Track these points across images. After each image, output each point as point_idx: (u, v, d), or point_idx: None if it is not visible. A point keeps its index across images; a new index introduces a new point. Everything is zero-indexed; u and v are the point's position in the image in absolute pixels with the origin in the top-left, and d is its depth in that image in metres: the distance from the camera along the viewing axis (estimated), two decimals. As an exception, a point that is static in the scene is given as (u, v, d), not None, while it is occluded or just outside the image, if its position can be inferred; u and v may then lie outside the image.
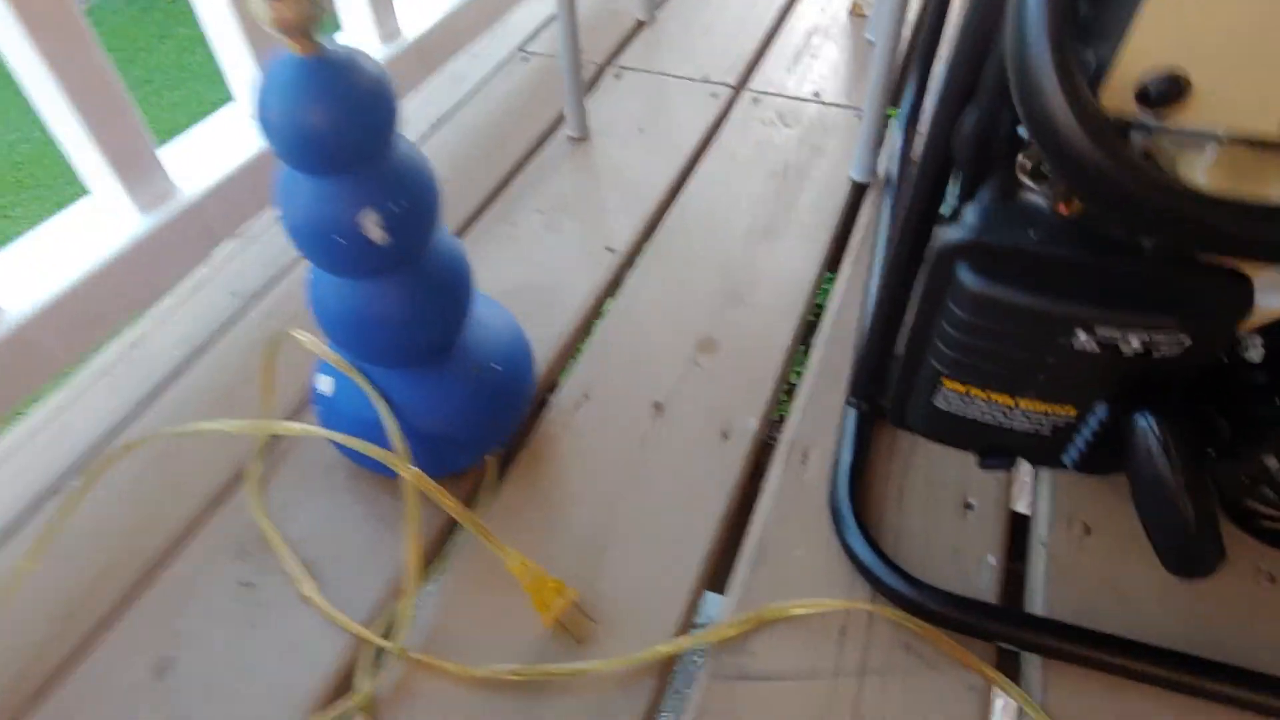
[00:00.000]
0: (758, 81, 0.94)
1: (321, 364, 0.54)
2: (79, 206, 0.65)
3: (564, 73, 0.81)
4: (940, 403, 0.40)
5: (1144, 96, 0.25)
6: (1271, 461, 0.37)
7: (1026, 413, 0.38)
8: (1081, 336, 0.33)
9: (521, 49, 1.01)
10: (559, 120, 0.88)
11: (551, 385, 0.63)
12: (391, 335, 0.48)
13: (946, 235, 0.35)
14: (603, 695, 0.45)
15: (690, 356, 0.63)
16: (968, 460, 0.55)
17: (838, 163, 0.82)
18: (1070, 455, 0.39)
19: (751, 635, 0.47)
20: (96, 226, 0.65)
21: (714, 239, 0.74)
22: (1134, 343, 0.33)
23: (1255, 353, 0.36)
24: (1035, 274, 0.33)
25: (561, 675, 0.45)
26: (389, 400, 0.51)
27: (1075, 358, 0.34)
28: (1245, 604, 0.47)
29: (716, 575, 0.53)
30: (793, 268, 0.71)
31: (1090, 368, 0.34)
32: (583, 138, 0.86)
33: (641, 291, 0.69)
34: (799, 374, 0.63)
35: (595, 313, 0.68)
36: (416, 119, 0.90)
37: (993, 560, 0.50)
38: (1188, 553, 0.34)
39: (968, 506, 0.53)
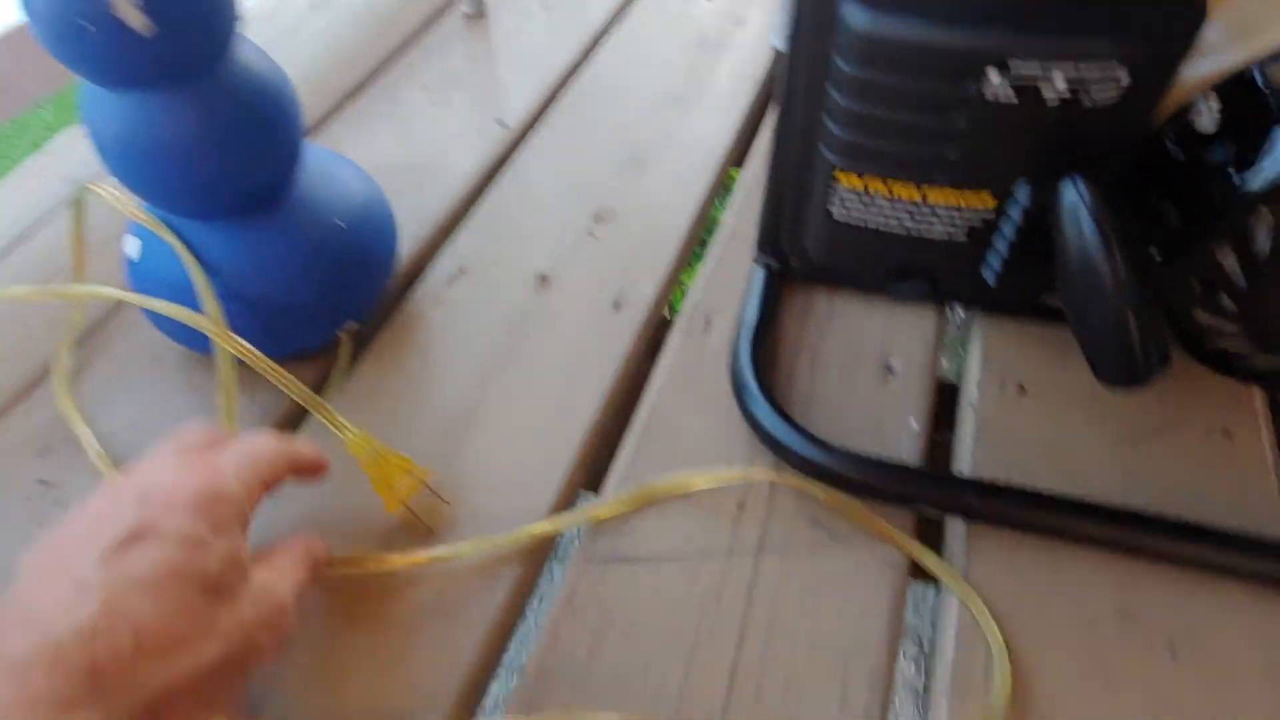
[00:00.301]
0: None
1: (130, 224, 0.45)
2: None
3: (451, -67, 0.72)
4: (837, 210, 0.33)
5: None
6: (1227, 256, 0.30)
7: (936, 209, 0.31)
8: (994, 79, 0.26)
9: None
10: (454, -2, 0.79)
11: (431, 257, 0.55)
12: (185, 169, 0.39)
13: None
14: (461, 586, 0.38)
15: (584, 227, 0.56)
16: (891, 321, 0.48)
17: (760, 33, 0.74)
18: (992, 266, 0.32)
19: (634, 515, 0.40)
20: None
21: (618, 109, 0.66)
22: (1059, 83, 0.26)
23: (1208, 119, 0.29)
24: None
25: (405, 565, 0.38)
26: (204, 261, 0.43)
27: (989, 115, 0.27)
28: (1198, 461, 0.42)
29: (604, 456, 0.46)
30: (705, 134, 0.63)
31: (1008, 130, 0.27)
32: (479, 14, 0.77)
33: (534, 164, 0.61)
34: (707, 242, 0.56)
35: (481, 189, 0.60)
36: (291, 3, 0.81)
37: (915, 425, 0.43)
38: (1123, 352, 0.27)
39: (889, 371, 0.46)
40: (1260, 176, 0.27)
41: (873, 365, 0.46)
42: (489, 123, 0.65)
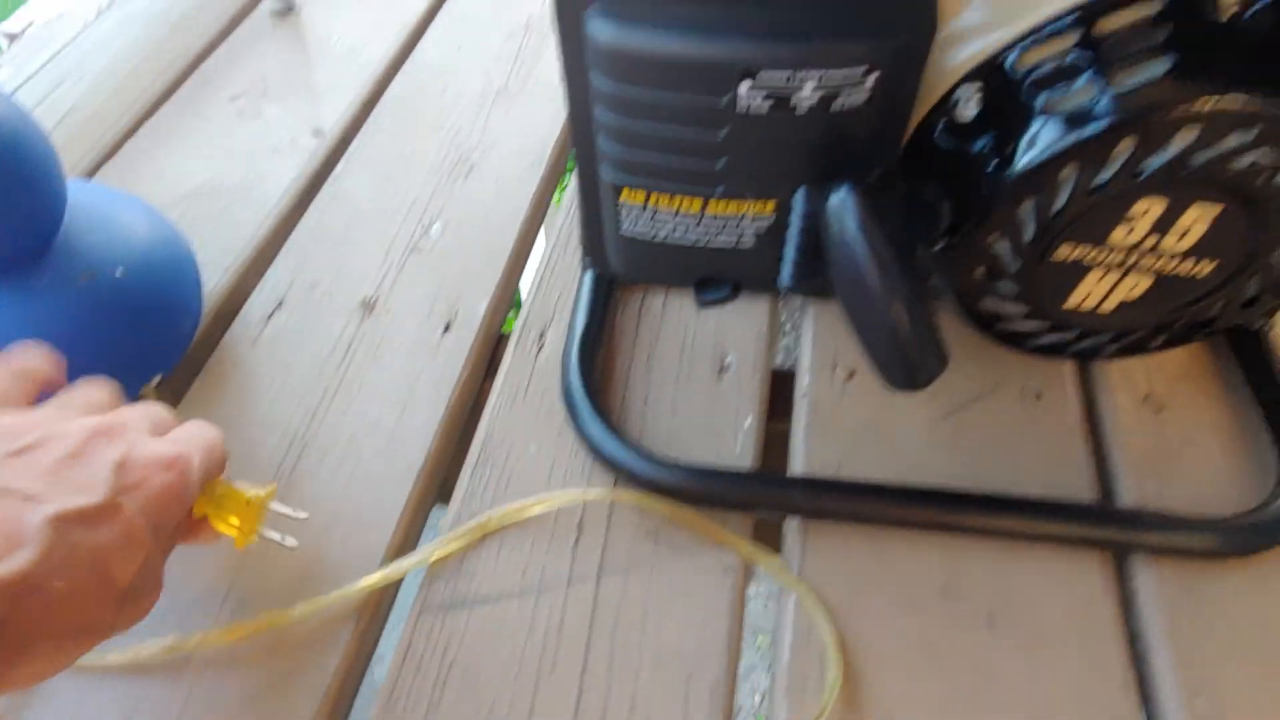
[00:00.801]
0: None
1: None
2: None
3: (241, -75, 0.67)
4: (627, 225, 0.32)
5: None
6: (1000, 243, 0.31)
7: (720, 219, 0.31)
8: (745, 90, 0.26)
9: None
10: (259, -8, 0.73)
11: (244, 294, 0.51)
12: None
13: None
14: (293, 653, 0.36)
15: (411, 243, 0.53)
16: (724, 314, 0.48)
17: (589, 14, 0.72)
18: (786, 270, 0.32)
19: (471, 551, 0.39)
20: None
21: (443, 107, 0.63)
22: (808, 91, 0.26)
23: (969, 109, 0.29)
24: (678, 9, 0.25)
25: (229, 641, 0.36)
26: (-38, 331, 0.38)
27: (747, 125, 0.26)
28: (1013, 426, 0.43)
29: (449, 487, 0.44)
30: (534, 126, 0.61)
31: (769, 139, 0.27)
32: (288, 10, 0.72)
33: (355, 176, 0.58)
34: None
35: (298, 209, 0.56)
36: (78, 8, 0.73)
37: (750, 422, 0.44)
38: (899, 357, 0.28)
39: (723, 368, 0.46)
40: (1017, 166, 0.28)
41: (708, 363, 0.46)
42: (304, 133, 0.61)
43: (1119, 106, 0.26)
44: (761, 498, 0.38)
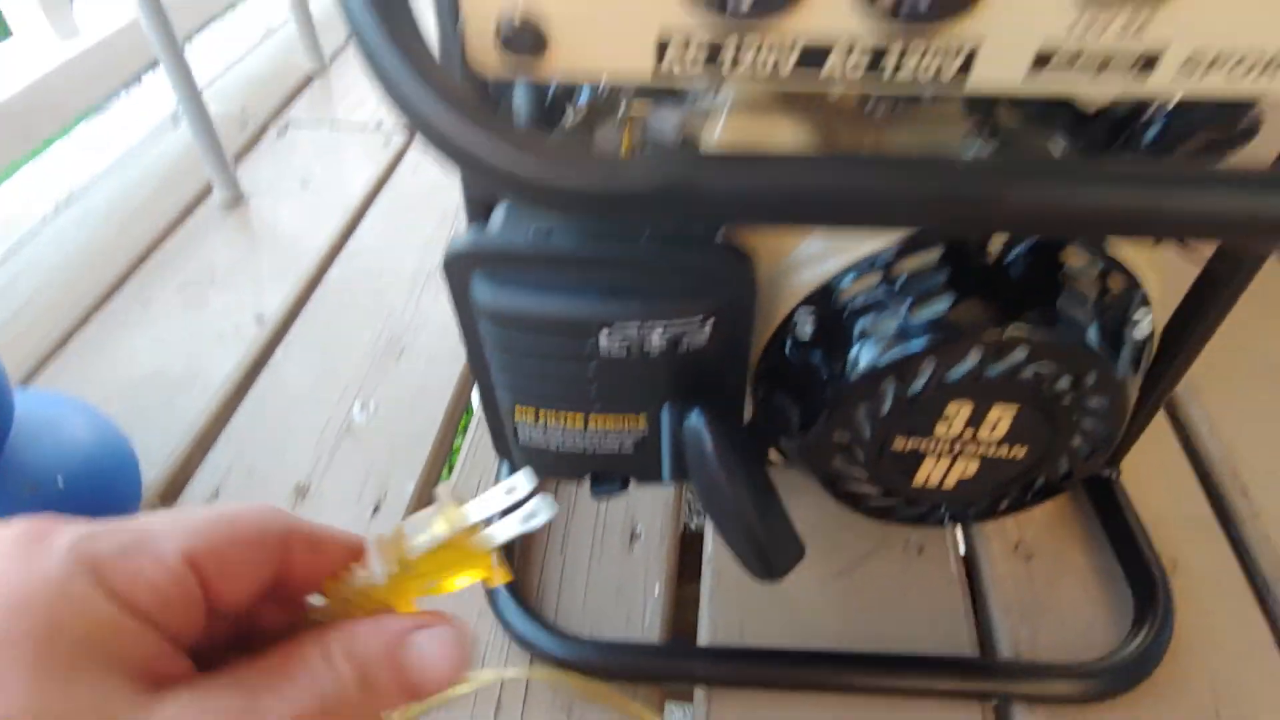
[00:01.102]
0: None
1: None
2: None
3: (196, 139, 0.73)
4: (523, 435, 0.36)
5: (509, 44, 0.22)
6: (846, 440, 0.36)
7: (602, 432, 0.35)
8: (604, 339, 0.31)
9: (173, 113, 0.91)
10: (211, 186, 0.79)
11: (184, 482, 0.54)
12: None
13: (450, 246, 0.31)
14: None
15: (343, 426, 0.57)
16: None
17: (516, 196, 0.79)
18: (666, 468, 0.36)
19: (393, 738, 0.41)
20: None
21: (377, 291, 0.68)
22: (656, 338, 0.31)
23: (806, 328, 0.35)
24: (542, 276, 0.30)
25: None
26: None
27: (610, 363, 0.31)
28: (899, 581, 0.47)
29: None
30: (462, 310, 0.66)
31: (631, 372, 0.32)
32: (236, 202, 0.78)
33: (293, 361, 0.62)
34: (467, 423, 0.58)
35: (237, 396, 0.60)
36: (40, 198, 0.78)
37: (659, 590, 0.47)
38: (758, 556, 0.32)
39: (634, 536, 0.50)
40: (847, 379, 0.33)
41: (619, 533, 0.50)
42: (247, 320, 0.65)
43: (917, 334, 0.32)
44: (667, 670, 0.41)
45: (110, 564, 0.17)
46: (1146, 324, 0.34)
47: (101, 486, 0.47)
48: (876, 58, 0.22)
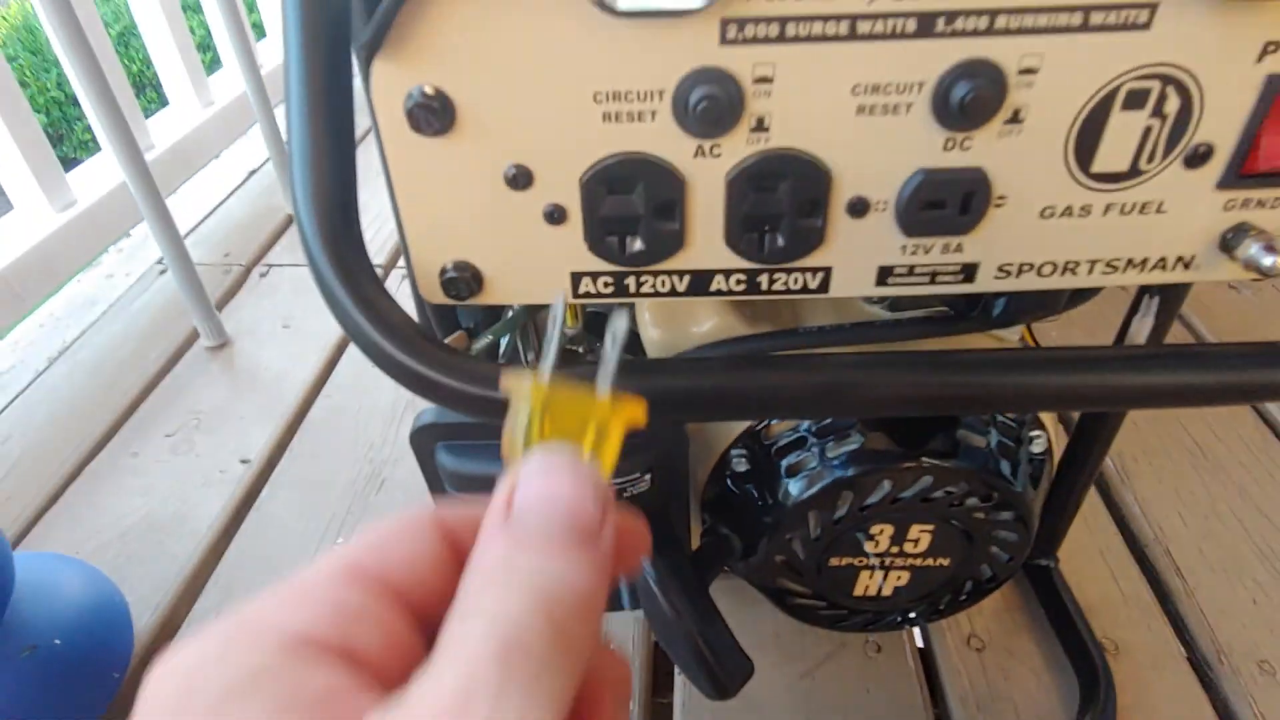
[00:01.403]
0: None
1: None
2: None
3: (181, 289, 0.78)
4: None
5: (453, 286, 0.26)
6: (785, 562, 0.39)
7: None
8: (558, 502, 0.34)
9: (160, 261, 0.96)
10: (198, 331, 0.83)
11: (175, 628, 0.56)
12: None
13: (416, 421, 0.35)
14: None
15: (329, 562, 0.59)
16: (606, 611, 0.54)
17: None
18: (625, 599, 0.40)
19: None
20: None
21: (358, 425, 0.71)
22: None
23: (741, 465, 0.39)
24: (495, 448, 0.34)
25: None
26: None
27: (566, 521, 0.35)
28: (860, 680, 0.50)
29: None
30: (438, 439, 0.70)
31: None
32: (222, 345, 0.82)
33: (279, 501, 0.65)
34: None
35: (225, 539, 0.62)
36: (31, 357, 0.82)
37: (634, 704, 0.49)
38: (710, 681, 0.35)
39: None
40: (779, 510, 0.37)
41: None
42: (233, 463, 0.68)
43: (834, 469, 0.36)
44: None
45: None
46: (1040, 441, 0.38)
47: (96, 642, 0.49)
48: (753, 279, 0.27)
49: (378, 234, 0.99)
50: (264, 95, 0.96)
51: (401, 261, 0.96)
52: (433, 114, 0.24)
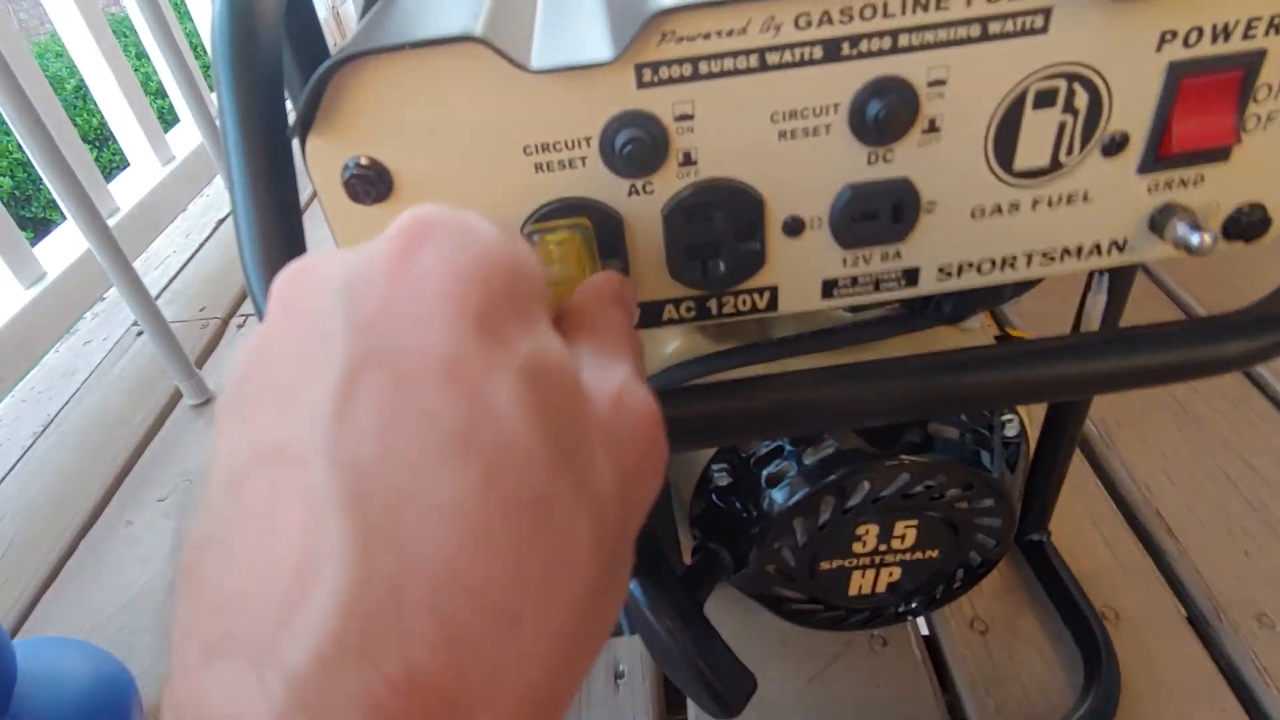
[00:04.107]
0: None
1: None
2: None
3: (158, 351, 0.78)
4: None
5: None
6: (776, 571, 0.40)
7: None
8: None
9: (136, 322, 0.96)
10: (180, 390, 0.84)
11: (186, 700, 0.56)
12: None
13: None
14: None
15: (331, 612, 0.60)
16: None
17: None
18: (625, 624, 0.40)
19: None
20: None
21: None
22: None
23: (723, 479, 0.39)
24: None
25: None
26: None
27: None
28: (870, 675, 0.50)
29: None
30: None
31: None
32: (206, 401, 0.82)
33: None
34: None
35: (227, 597, 0.62)
36: (16, 434, 0.82)
37: (645, 726, 0.49)
38: (713, 700, 0.35)
39: (618, 675, 0.52)
40: (765, 521, 0.37)
41: (604, 675, 0.52)
42: (228, 521, 0.69)
43: (813, 475, 0.36)
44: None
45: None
46: (1013, 425, 0.39)
47: (106, 723, 0.49)
48: (702, 305, 0.27)
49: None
50: (219, 144, 0.97)
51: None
52: (369, 183, 0.24)
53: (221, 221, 1.16)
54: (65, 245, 0.96)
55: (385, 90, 0.23)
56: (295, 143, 0.24)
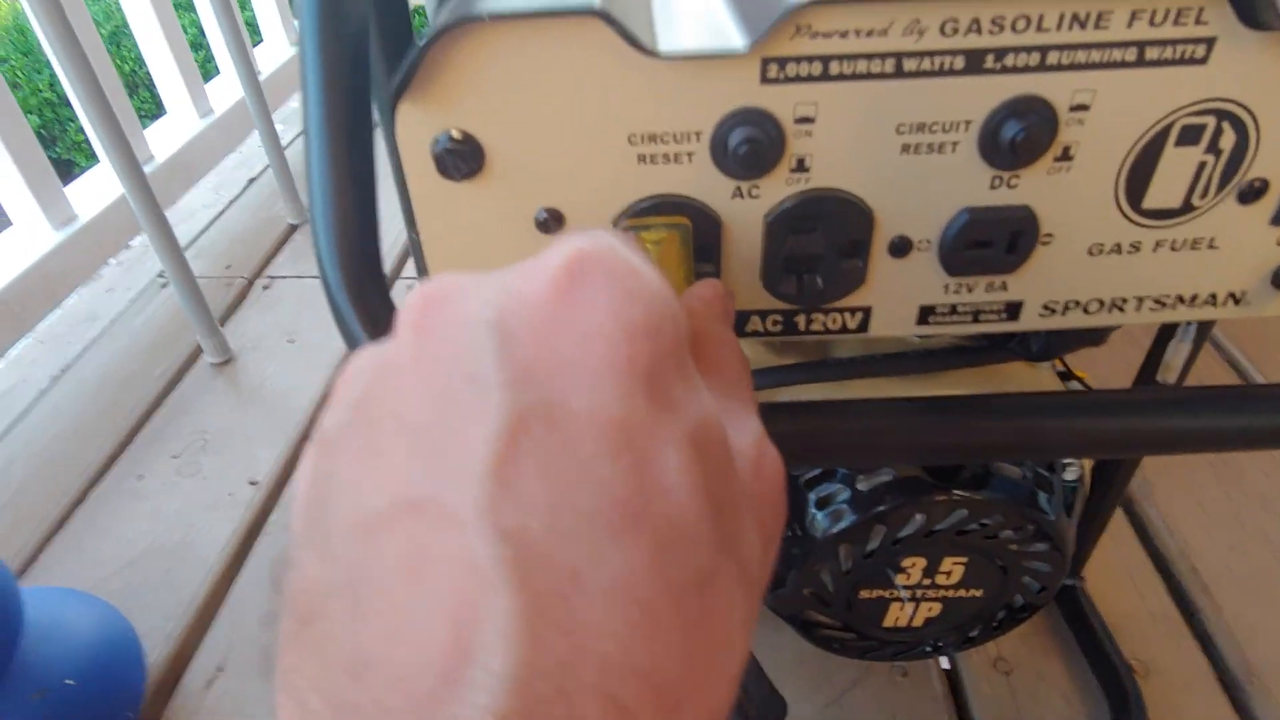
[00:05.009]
0: (413, 266, 0.94)
1: None
2: None
3: (184, 305, 0.77)
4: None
5: None
6: (814, 595, 0.38)
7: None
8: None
9: (161, 274, 0.95)
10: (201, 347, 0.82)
11: (185, 661, 0.55)
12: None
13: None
14: None
15: (340, 587, 0.58)
16: None
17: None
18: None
19: None
20: None
21: (367, 445, 0.70)
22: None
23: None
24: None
25: None
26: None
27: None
28: (887, 706, 0.49)
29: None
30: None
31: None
32: (226, 361, 0.81)
33: (286, 527, 0.64)
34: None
35: (235, 565, 0.61)
36: (34, 375, 0.81)
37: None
38: (745, 716, 0.34)
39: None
40: (807, 546, 0.36)
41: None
42: (241, 485, 0.67)
43: (866, 502, 0.35)
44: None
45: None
46: (1075, 468, 0.38)
47: (109, 681, 0.48)
48: (790, 320, 0.26)
49: (382, 240, 0.97)
50: (263, 102, 0.95)
51: (406, 271, 0.95)
52: (461, 158, 0.23)
53: (253, 180, 1.15)
54: (94, 189, 0.95)
55: (492, 60, 0.21)
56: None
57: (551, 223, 0.24)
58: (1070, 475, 0.38)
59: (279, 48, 1.33)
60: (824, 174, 0.23)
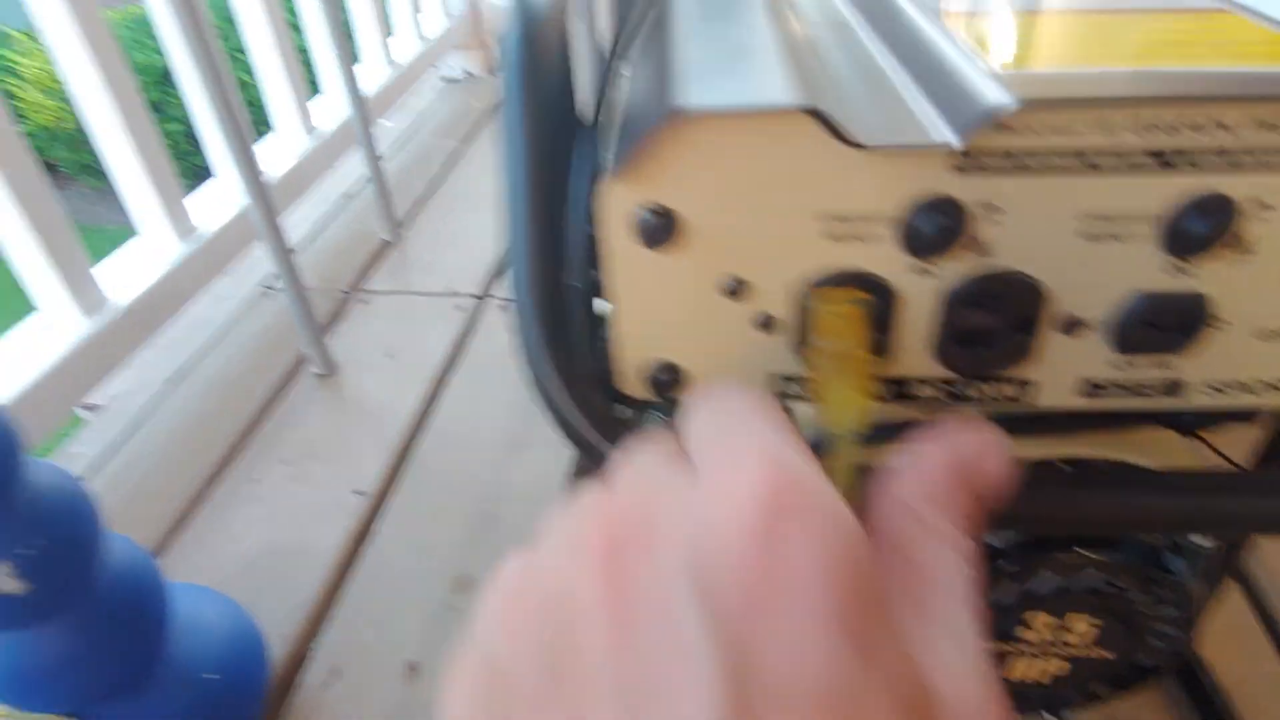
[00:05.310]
0: (502, 287, 0.97)
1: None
2: None
3: (294, 316, 0.81)
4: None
5: (657, 384, 0.27)
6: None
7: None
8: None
9: (266, 284, 1.00)
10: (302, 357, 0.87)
11: (300, 660, 0.58)
12: (67, 687, 0.42)
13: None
14: None
15: (445, 601, 0.61)
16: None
17: (584, 357, 0.85)
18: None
19: None
20: None
21: (466, 461, 0.73)
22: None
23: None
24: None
25: None
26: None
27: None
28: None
29: None
30: (544, 476, 0.71)
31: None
32: (329, 373, 0.85)
33: (392, 535, 0.67)
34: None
35: (344, 570, 0.64)
36: (150, 378, 0.86)
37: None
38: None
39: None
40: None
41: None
42: (347, 494, 0.71)
43: (994, 555, 0.35)
44: None
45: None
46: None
47: (241, 675, 0.52)
48: (951, 388, 0.27)
49: (470, 260, 1.01)
50: (364, 120, 1.00)
51: (493, 291, 0.98)
52: (658, 229, 0.24)
53: (350, 198, 1.20)
54: (212, 203, 1.00)
55: (701, 144, 0.23)
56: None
57: (737, 290, 0.25)
58: (1207, 541, 0.38)
59: (377, 68, 1.38)
60: (1003, 255, 0.24)
